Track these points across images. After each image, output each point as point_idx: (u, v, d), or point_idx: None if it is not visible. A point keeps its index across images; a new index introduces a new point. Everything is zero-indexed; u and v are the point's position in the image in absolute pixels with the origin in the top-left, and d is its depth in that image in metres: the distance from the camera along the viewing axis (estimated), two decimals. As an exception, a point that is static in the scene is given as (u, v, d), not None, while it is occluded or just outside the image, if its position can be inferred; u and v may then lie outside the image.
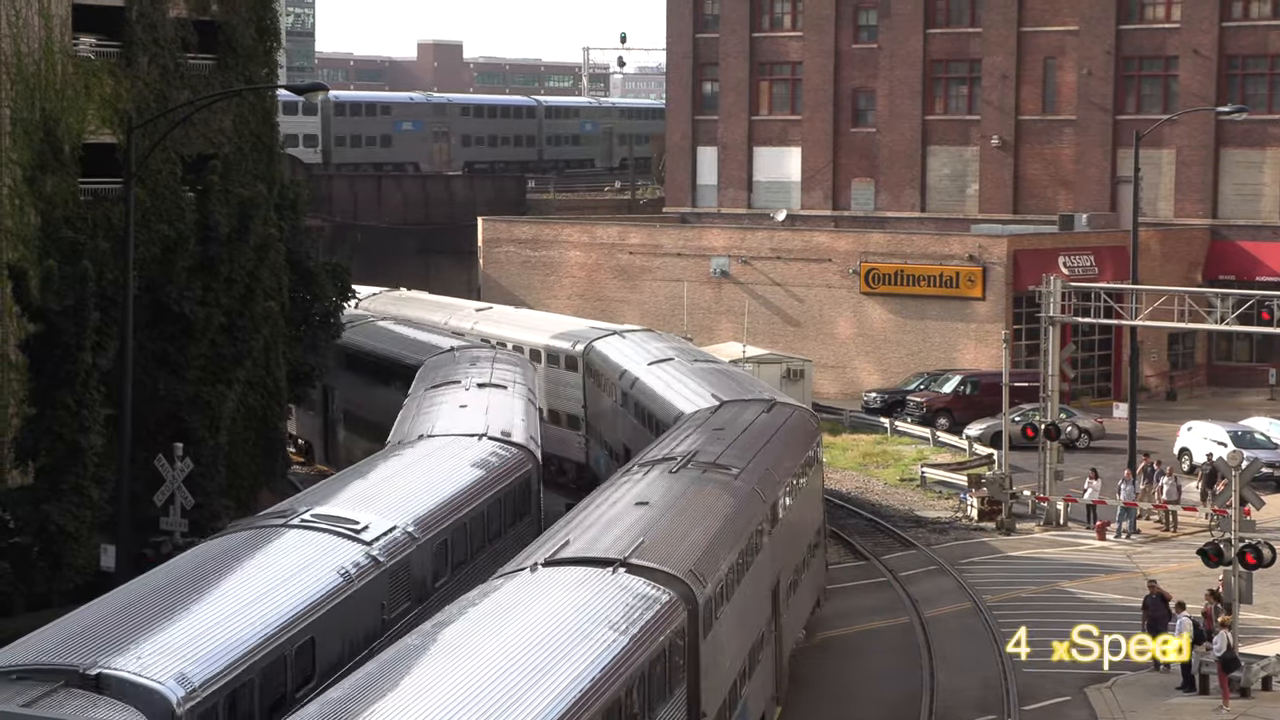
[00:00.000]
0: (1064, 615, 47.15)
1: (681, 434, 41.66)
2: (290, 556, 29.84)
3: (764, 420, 43.72)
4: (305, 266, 55.26)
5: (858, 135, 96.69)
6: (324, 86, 42.65)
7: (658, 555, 29.00)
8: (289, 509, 33.05)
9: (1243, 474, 41.01)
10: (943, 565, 52.35)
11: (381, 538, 31.66)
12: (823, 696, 40.05)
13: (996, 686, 40.96)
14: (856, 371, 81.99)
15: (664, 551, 29.34)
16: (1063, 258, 79.58)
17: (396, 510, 33.43)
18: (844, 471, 65.59)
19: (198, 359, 47.21)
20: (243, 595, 27.50)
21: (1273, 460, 56.32)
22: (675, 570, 28.64)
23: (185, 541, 40.61)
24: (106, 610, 26.42)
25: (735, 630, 32.03)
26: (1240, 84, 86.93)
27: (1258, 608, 43.01)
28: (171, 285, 46.57)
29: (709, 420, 43.64)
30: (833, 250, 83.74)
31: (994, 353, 72.49)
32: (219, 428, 47.56)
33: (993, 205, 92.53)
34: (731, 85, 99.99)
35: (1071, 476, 59.25)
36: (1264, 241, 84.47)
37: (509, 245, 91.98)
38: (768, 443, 41.05)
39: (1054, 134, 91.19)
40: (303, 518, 31.71)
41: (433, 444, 40.46)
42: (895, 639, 45.45)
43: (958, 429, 70.69)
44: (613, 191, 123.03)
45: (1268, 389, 79.94)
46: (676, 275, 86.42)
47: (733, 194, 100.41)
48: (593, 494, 35.75)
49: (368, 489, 35.56)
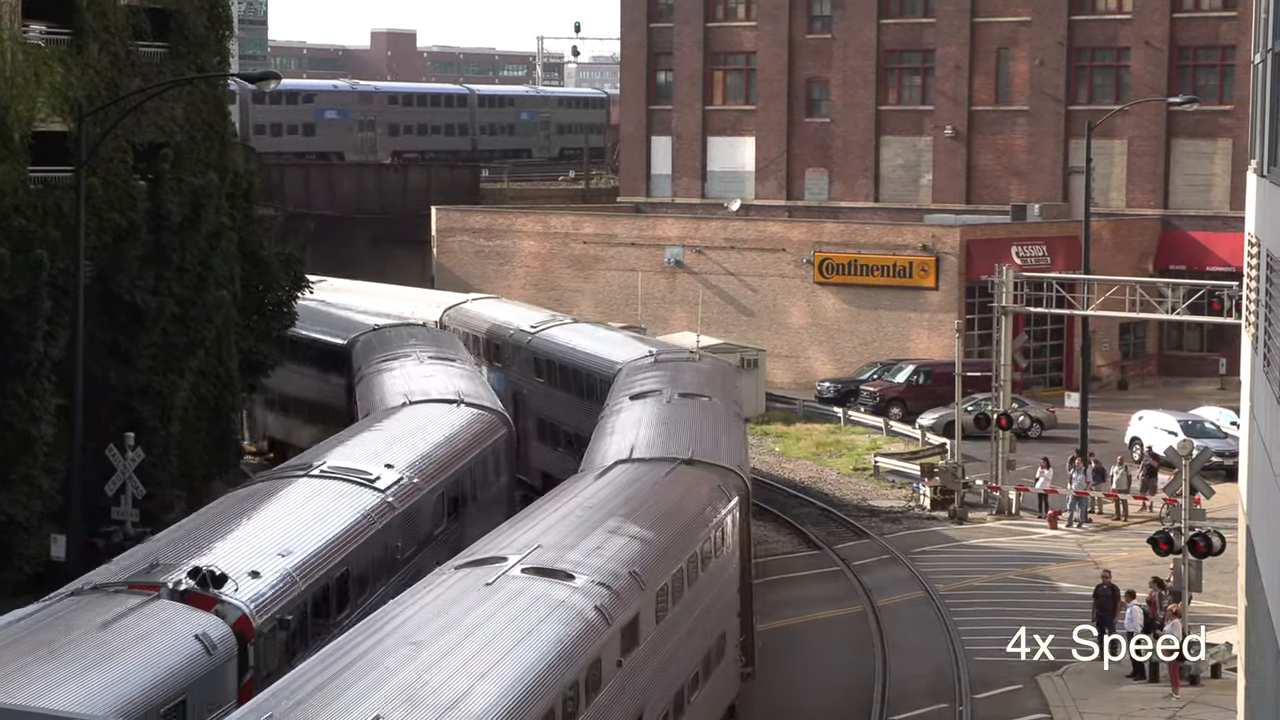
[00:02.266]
0: (1016, 604, 47.40)
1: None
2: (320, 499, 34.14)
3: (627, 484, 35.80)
4: (258, 256, 55.06)
5: (811, 125, 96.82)
6: (276, 75, 42.42)
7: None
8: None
9: (1193, 463, 41.22)
10: (895, 554, 52.51)
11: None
12: (775, 686, 40.13)
13: (949, 675, 41.12)
14: (810, 361, 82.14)
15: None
16: (1015, 248, 79.85)
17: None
18: (797, 461, 65.77)
19: (149, 348, 47.03)
20: (292, 526, 32.19)
21: (1222, 449, 56.52)
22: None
23: (137, 532, 40.48)
24: (173, 539, 30.94)
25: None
26: (1191, 75, 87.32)
27: (1207, 595, 43.22)
28: (123, 274, 46.38)
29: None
30: (786, 240, 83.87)
31: (947, 342, 72.73)
32: (171, 417, 47.40)
33: (946, 195, 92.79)
34: (686, 75, 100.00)
35: (1023, 466, 59.47)
36: (1214, 231, 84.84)
37: (463, 235, 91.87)
38: (620, 521, 32.19)
39: (1007, 124, 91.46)
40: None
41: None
42: (848, 628, 45.57)
43: (910, 418, 70.90)
44: (566, 181, 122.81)
45: (1218, 378, 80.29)
46: (630, 265, 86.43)
47: (687, 184, 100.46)
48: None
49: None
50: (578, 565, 28.22)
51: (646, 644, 28.96)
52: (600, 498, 33.96)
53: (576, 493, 34.75)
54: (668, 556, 31.34)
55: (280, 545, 30.69)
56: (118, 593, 27.28)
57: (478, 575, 27.30)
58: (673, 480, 36.08)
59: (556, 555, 28.64)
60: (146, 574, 28.01)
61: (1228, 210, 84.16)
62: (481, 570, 27.63)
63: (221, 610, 27.29)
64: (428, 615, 25.35)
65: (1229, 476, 51.27)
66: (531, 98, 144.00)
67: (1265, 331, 22.57)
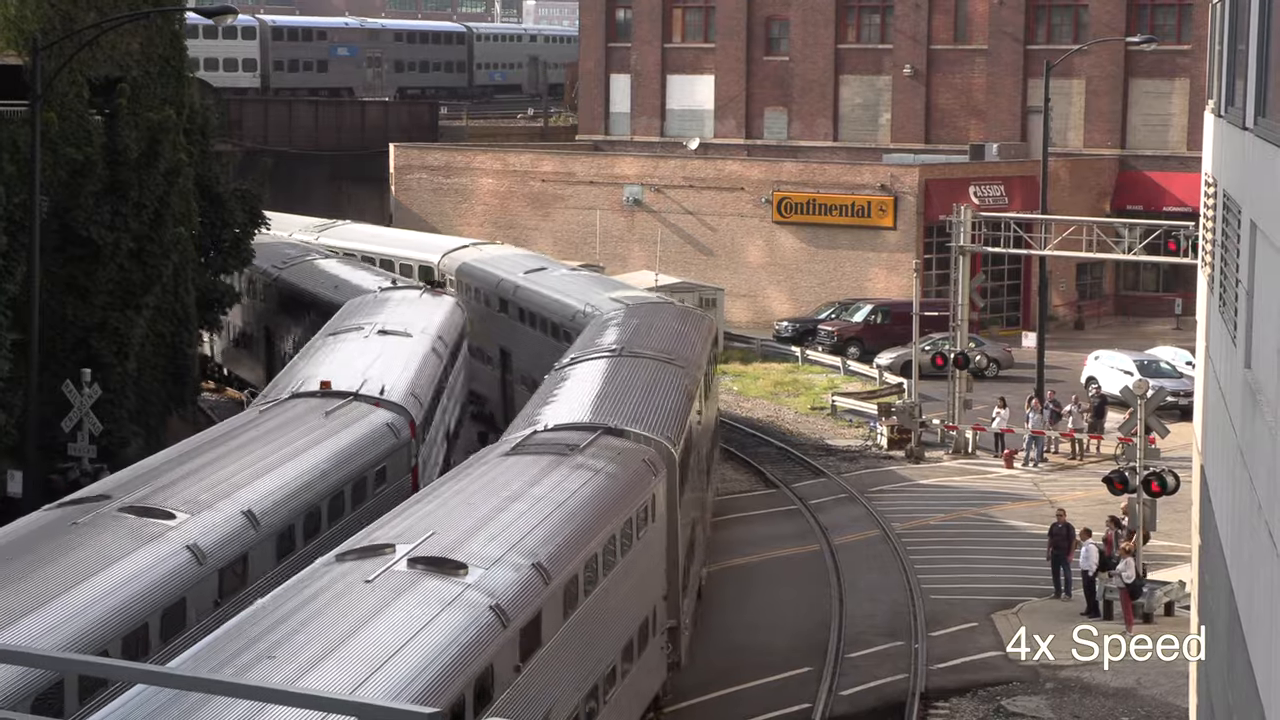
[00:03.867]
0: (972, 542, 47.75)
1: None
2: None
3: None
4: (215, 192, 54.87)
5: (770, 64, 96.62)
6: (232, 9, 42.21)
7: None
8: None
9: (1148, 403, 41.47)
10: (852, 493, 52.73)
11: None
12: (731, 625, 40.33)
13: (905, 613, 41.40)
14: (768, 300, 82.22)
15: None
16: (973, 187, 79.98)
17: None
18: (755, 400, 65.90)
19: (106, 284, 46.85)
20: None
21: (1177, 389, 56.87)
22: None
23: (94, 468, 40.43)
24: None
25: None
26: (1149, 15, 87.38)
27: (1161, 534, 43.58)
28: (80, 209, 46.15)
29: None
30: (745, 179, 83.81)
31: (904, 282, 72.84)
32: (127, 354, 47.26)
33: (905, 135, 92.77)
34: (645, 12, 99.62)
35: (980, 405, 59.71)
36: (1171, 172, 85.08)
37: (420, 172, 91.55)
38: (528, 503, 29.09)
39: (965, 64, 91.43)
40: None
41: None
42: (805, 566, 45.79)
43: (868, 358, 71.05)
44: (525, 119, 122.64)
45: (1174, 319, 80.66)
46: (589, 203, 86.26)
47: (646, 122, 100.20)
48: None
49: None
50: (473, 556, 25.55)
51: (552, 644, 26.22)
52: (509, 475, 30.53)
53: (484, 469, 31.36)
54: (579, 542, 28.26)
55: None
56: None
57: (360, 570, 24.54)
58: (591, 453, 32.21)
59: (452, 543, 25.90)
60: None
61: (1185, 150, 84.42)
62: (366, 564, 24.85)
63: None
64: (296, 623, 22.59)
65: (1184, 416, 51.58)
66: (522, 34, 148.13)
67: (1220, 272, 22.69)
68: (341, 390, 37.63)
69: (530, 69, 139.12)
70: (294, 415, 36.01)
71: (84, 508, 28.09)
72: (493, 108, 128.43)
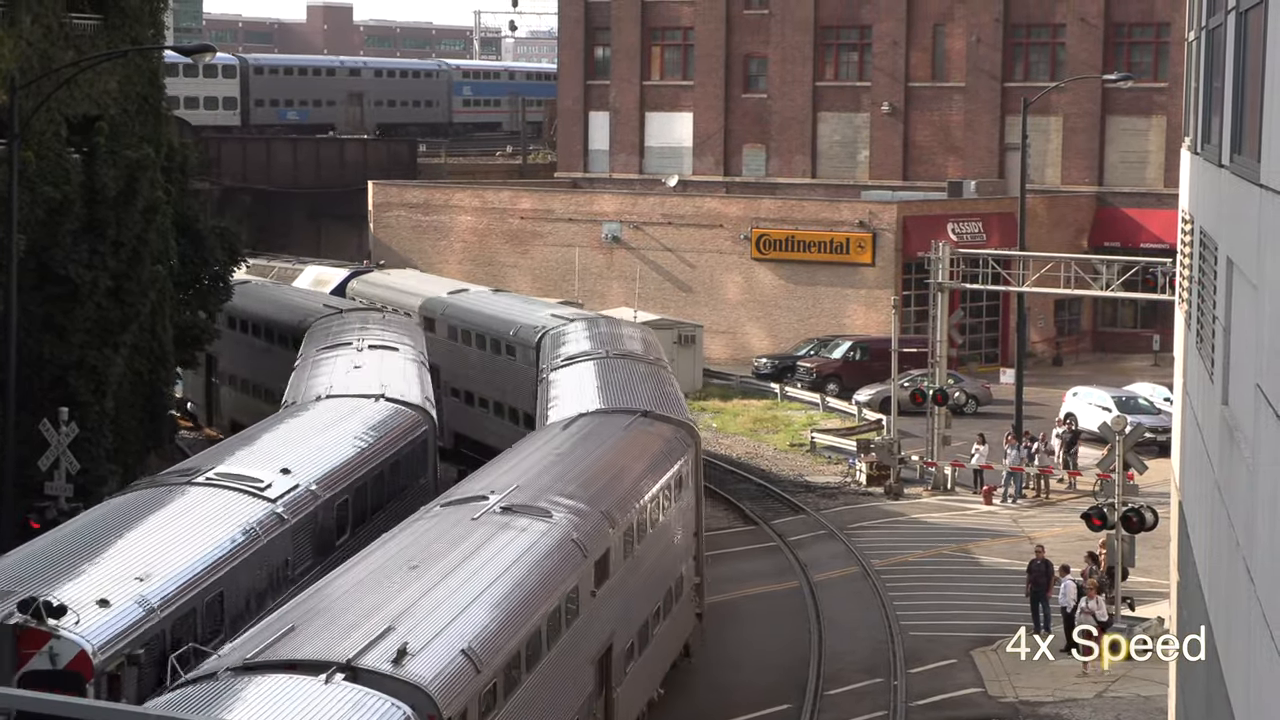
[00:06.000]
0: (951, 579, 47.71)
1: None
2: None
3: (600, 431, 37.82)
4: (194, 230, 54.77)
5: (749, 101, 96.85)
6: (211, 48, 42.27)
7: (387, 656, 22.67)
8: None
9: (1126, 439, 41.52)
10: (832, 530, 52.68)
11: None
12: (710, 662, 40.24)
13: (884, 650, 41.33)
14: (747, 337, 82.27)
15: (423, 640, 23.60)
16: (951, 224, 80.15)
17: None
18: (734, 436, 65.85)
19: (84, 323, 46.69)
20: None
21: (1155, 425, 56.94)
22: (417, 679, 22.44)
23: (70, 507, 40.26)
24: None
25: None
26: (1126, 52, 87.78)
27: (1140, 570, 43.57)
28: (57, 248, 45.99)
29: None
30: (724, 216, 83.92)
31: (883, 318, 72.94)
32: (105, 392, 47.09)
33: (883, 171, 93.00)
34: (623, 50, 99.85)
35: (959, 441, 59.76)
36: (1148, 209, 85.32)
37: (400, 209, 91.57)
38: (589, 466, 34.60)
39: (943, 101, 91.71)
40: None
41: None
42: (784, 603, 45.72)
43: (847, 394, 71.10)
44: (504, 156, 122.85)
45: (1152, 355, 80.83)
46: (568, 240, 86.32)
47: (624, 159, 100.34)
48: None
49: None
50: (554, 504, 30.80)
51: (616, 577, 31.54)
52: (569, 445, 36.33)
53: (545, 441, 37.05)
54: (632, 499, 33.88)
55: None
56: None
57: (464, 511, 29.88)
58: (633, 432, 38.19)
59: (533, 495, 31.08)
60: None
61: (1161, 187, 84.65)
62: (466, 507, 30.14)
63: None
64: (424, 543, 28.05)
65: (1162, 452, 51.62)
66: (501, 72, 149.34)
67: (1197, 308, 22.74)
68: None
69: (512, 107, 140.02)
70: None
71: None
72: (471, 145, 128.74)
